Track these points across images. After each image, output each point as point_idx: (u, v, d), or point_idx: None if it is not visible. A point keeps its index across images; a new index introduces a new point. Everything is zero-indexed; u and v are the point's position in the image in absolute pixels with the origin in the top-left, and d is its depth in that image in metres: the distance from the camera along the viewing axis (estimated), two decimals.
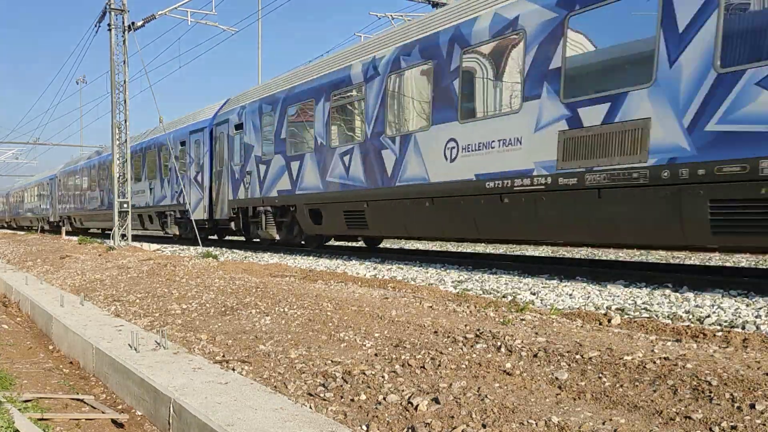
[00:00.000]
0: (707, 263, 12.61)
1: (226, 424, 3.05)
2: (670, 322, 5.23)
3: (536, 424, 2.78)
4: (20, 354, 6.12)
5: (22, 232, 38.88)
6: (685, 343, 4.04)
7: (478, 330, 4.43)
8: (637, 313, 5.86)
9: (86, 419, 4.04)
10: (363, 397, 3.36)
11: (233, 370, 4.09)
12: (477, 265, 10.66)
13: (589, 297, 6.90)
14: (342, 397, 3.40)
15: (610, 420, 2.78)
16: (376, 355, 4.13)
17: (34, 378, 5.12)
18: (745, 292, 6.90)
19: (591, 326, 4.76)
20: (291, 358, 4.20)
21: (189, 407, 3.37)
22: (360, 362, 3.95)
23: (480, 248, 19.32)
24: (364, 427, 3.01)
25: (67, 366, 5.65)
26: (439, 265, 11.22)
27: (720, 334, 4.25)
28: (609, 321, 5.06)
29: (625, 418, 2.80)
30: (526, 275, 9.24)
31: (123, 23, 18.57)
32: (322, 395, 3.46)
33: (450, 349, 4.03)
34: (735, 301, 6.26)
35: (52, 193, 40.68)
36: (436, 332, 4.57)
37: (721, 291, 7.00)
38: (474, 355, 3.86)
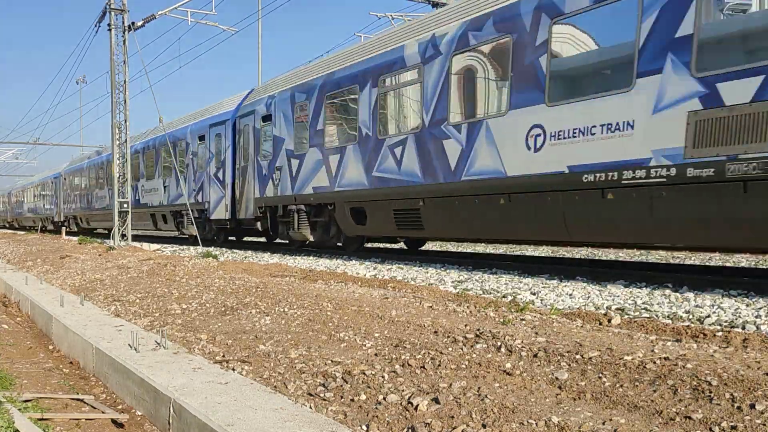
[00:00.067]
0: (707, 263, 12.61)
1: (226, 424, 3.05)
2: (670, 322, 5.24)
3: (536, 424, 2.78)
4: (20, 354, 6.12)
5: (22, 232, 38.65)
6: (685, 343, 4.04)
7: (478, 330, 4.44)
8: (637, 313, 5.86)
9: (86, 419, 4.04)
10: (363, 397, 3.36)
11: (233, 370, 4.09)
12: (477, 265, 10.67)
13: (589, 297, 6.90)
14: (342, 397, 3.40)
15: (610, 420, 2.78)
16: (376, 355, 4.13)
17: (34, 378, 5.12)
18: (745, 292, 6.90)
19: (591, 326, 4.76)
20: (291, 358, 4.20)
21: (189, 407, 3.37)
22: (360, 362, 3.96)
23: (480, 248, 19.33)
24: (364, 427, 3.01)
25: (67, 366, 5.66)
26: (439, 265, 11.22)
27: (720, 334, 4.25)
28: (609, 321, 5.07)
29: (625, 418, 2.80)
30: (526, 275, 9.25)
31: (123, 23, 18.59)
32: (322, 395, 3.46)
33: (450, 349, 4.03)
34: (735, 301, 6.26)
35: (56, 192, 39.64)
36: (436, 332, 4.58)
37: (721, 291, 7.00)
38: (474, 355, 3.87)
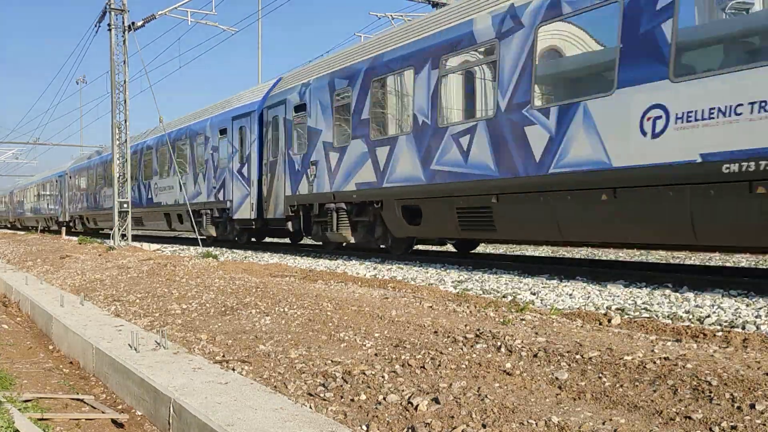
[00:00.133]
0: (707, 263, 12.61)
1: (226, 424, 3.05)
2: (670, 322, 5.24)
3: (536, 424, 2.78)
4: (20, 354, 6.13)
5: (22, 232, 38.53)
6: (685, 343, 4.04)
7: (478, 330, 4.44)
8: (637, 313, 5.86)
9: (86, 419, 4.04)
10: (363, 397, 3.36)
11: (233, 370, 4.09)
12: (477, 265, 10.67)
13: (589, 297, 6.90)
14: (342, 397, 3.40)
15: (610, 420, 2.78)
16: (376, 355, 4.13)
17: (34, 378, 5.12)
18: (745, 292, 6.90)
19: (591, 326, 4.76)
20: (291, 358, 4.20)
21: (189, 407, 3.37)
22: (360, 362, 3.96)
23: (480, 248, 19.33)
24: (364, 427, 3.01)
25: (67, 366, 5.66)
26: (439, 265, 11.22)
27: (720, 334, 4.25)
28: (609, 321, 5.07)
29: (625, 418, 2.80)
30: (526, 275, 9.25)
31: (123, 23, 18.60)
32: (322, 395, 3.46)
33: (450, 349, 4.03)
34: (735, 301, 6.26)
35: (61, 191, 38.20)
36: (436, 332, 4.58)
37: (721, 291, 7.00)
38: (474, 355, 3.87)
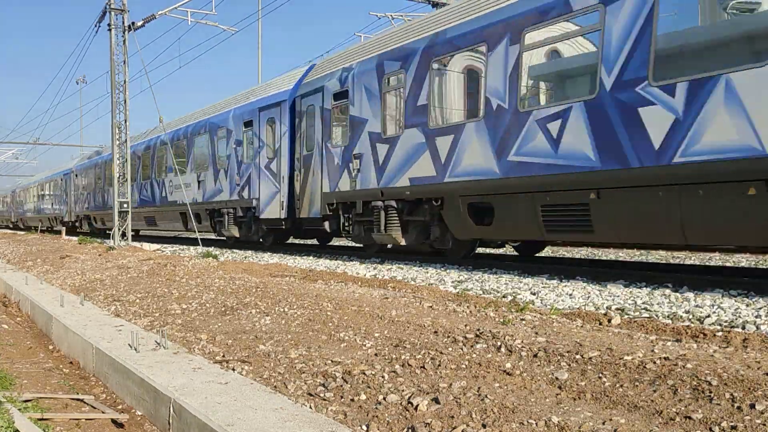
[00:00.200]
0: (707, 263, 12.61)
1: (226, 424, 3.05)
2: (670, 322, 5.24)
3: (536, 424, 2.78)
4: (20, 354, 6.13)
5: (22, 232, 38.44)
6: (685, 343, 4.04)
7: (478, 330, 4.44)
8: (637, 313, 5.86)
9: (86, 419, 4.04)
10: (363, 397, 3.36)
11: (233, 370, 4.09)
12: (477, 265, 10.66)
13: (589, 297, 6.90)
14: (342, 397, 3.40)
15: (610, 420, 2.78)
16: (376, 355, 4.13)
17: (34, 378, 5.12)
18: (745, 292, 6.89)
19: (591, 326, 4.76)
20: (291, 358, 4.20)
21: (189, 407, 3.37)
22: (360, 362, 3.96)
23: (480, 248, 19.31)
24: (364, 427, 3.01)
25: (67, 366, 5.66)
26: (439, 265, 11.22)
27: (720, 334, 4.25)
28: (609, 321, 5.07)
29: (625, 418, 2.80)
30: (526, 275, 9.24)
31: (123, 23, 18.62)
32: (322, 395, 3.46)
33: (450, 349, 4.03)
34: (735, 301, 6.26)
35: (66, 190, 37.01)
36: (436, 332, 4.58)
37: (721, 291, 7.00)
38: (474, 355, 3.87)
